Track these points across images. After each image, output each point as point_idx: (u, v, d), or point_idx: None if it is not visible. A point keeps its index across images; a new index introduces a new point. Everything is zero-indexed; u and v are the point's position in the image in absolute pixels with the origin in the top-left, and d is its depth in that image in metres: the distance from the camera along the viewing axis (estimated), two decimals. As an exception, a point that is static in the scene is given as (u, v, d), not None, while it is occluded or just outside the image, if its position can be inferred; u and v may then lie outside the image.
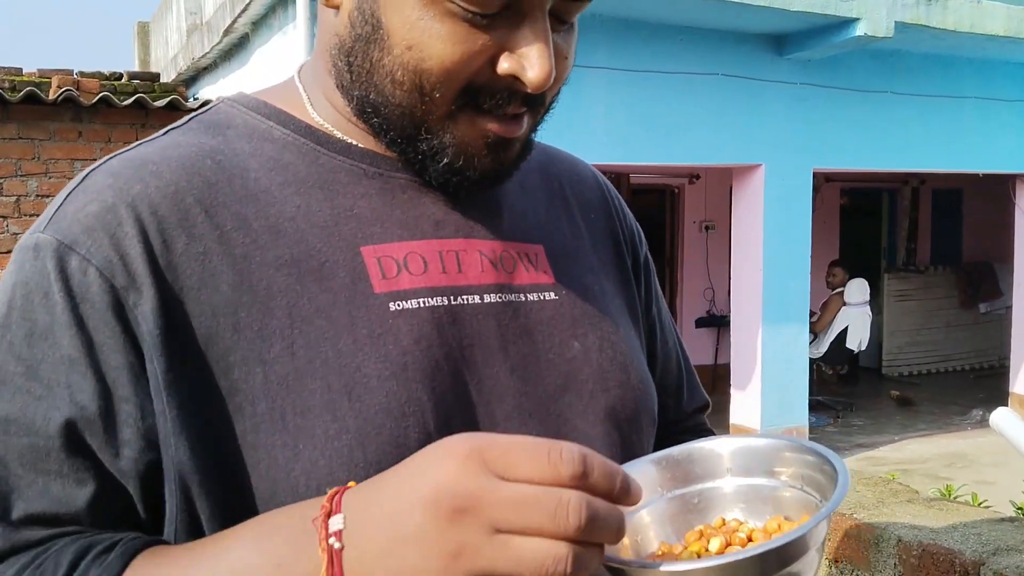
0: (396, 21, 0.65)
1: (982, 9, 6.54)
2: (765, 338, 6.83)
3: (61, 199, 0.67)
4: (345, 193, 0.71)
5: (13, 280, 0.65)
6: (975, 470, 6.78)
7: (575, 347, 0.76)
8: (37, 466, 0.62)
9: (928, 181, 10.91)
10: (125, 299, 0.63)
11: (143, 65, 11.00)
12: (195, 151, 0.70)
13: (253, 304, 0.65)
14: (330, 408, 0.64)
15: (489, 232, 0.76)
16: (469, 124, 0.68)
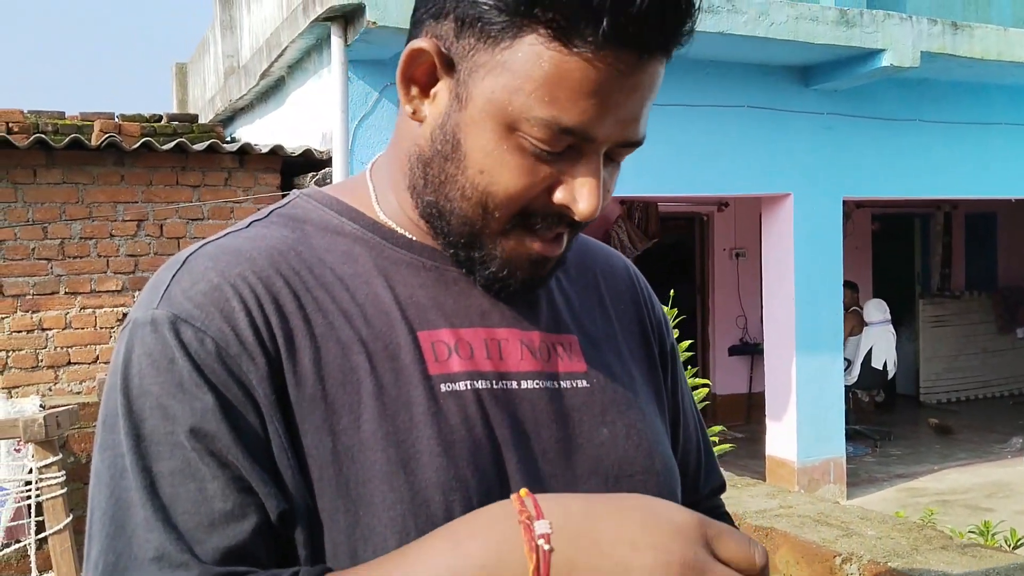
0: (474, 146, 0.74)
1: (1009, 37, 6.53)
2: (799, 368, 6.80)
3: (167, 281, 0.75)
4: (405, 283, 0.81)
5: (137, 352, 0.72)
6: (1015, 500, 6.69)
7: (604, 433, 0.83)
8: (199, 509, 0.68)
9: (961, 206, 10.84)
10: (238, 364, 0.71)
11: (181, 105, 11.25)
12: (280, 243, 0.79)
13: (328, 379, 0.74)
14: (387, 479, 0.71)
15: (529, 323, 0.84)
16: (518, 241, 0.78)
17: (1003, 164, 7.50)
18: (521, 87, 0.71)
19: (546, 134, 0.72)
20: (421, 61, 0.76)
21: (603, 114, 0.72)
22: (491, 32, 0.72)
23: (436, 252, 0.82)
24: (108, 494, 0.69)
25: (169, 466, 0.69)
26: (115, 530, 0.68)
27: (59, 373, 5.00)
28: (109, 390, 0.73)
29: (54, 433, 2.70)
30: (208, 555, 0.67)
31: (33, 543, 2.76)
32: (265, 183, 5.42)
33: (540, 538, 0.61)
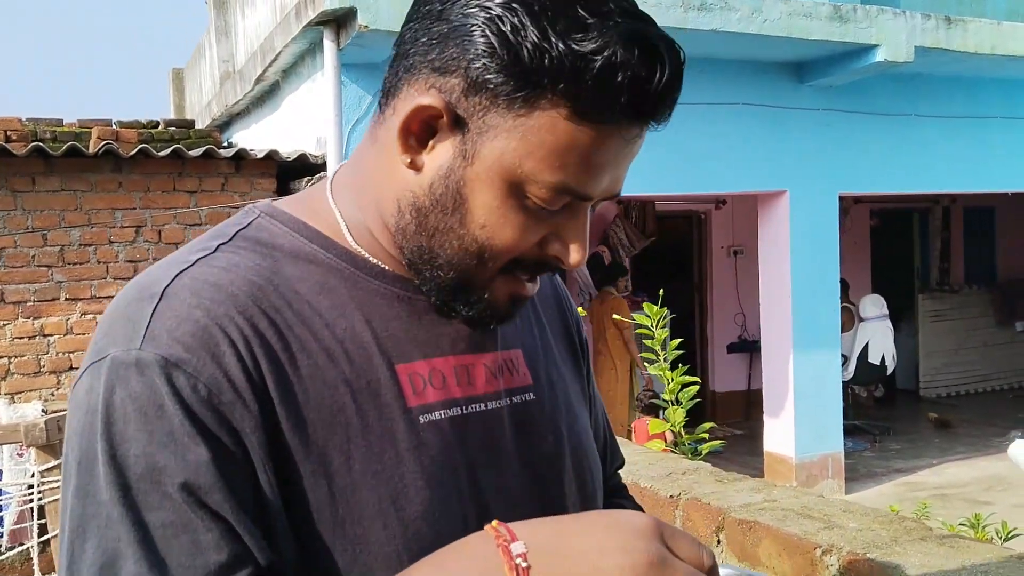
0: (478, 202, 0.77)
1: (1002, 30, 6.55)
2: (796, 364, 6.82)
3: (146, 316, 0.73)
4: (381, 315, 0.82)
5: (119, 395, 0.70)
6: (1014, 493, 6.70)
7: (550, 440, 0.91)
8: (194, 562, 0.68)
9: (959, 200, 10.85)
10: (231, 412, 0.71)
11: (178, 111, 11.29)
12: (255, 275, 0.78)
13: (318, 421, 0.75)
14: (380, 516, 0.75)
15: (488, 345, 0.89)
16: (504, 285, 0.82)
17: (1000, 157, 7.52)
18: (533, 152, 0.74)
19: (550, 196, 0.76)
20: (424, 119, 0.77)
21: (605, 177, 0.77)
22: (506, 97, 0.73)
23: (407, 282, 0.84)
24: (96, 544, 0.68)
25: (160, 517, 0.68)
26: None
27: (61, 378, 5.04)
28: (83, 431, 0.71)
29: (55, 437, 2.73)
30: None
31: (36, 546, 2.79)
32: (261, 188, 5.46)
33: (518, 557, 0.65)
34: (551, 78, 0.71)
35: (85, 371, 0.74)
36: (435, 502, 0.77)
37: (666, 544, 0.67)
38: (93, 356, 0.74)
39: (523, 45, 0.71)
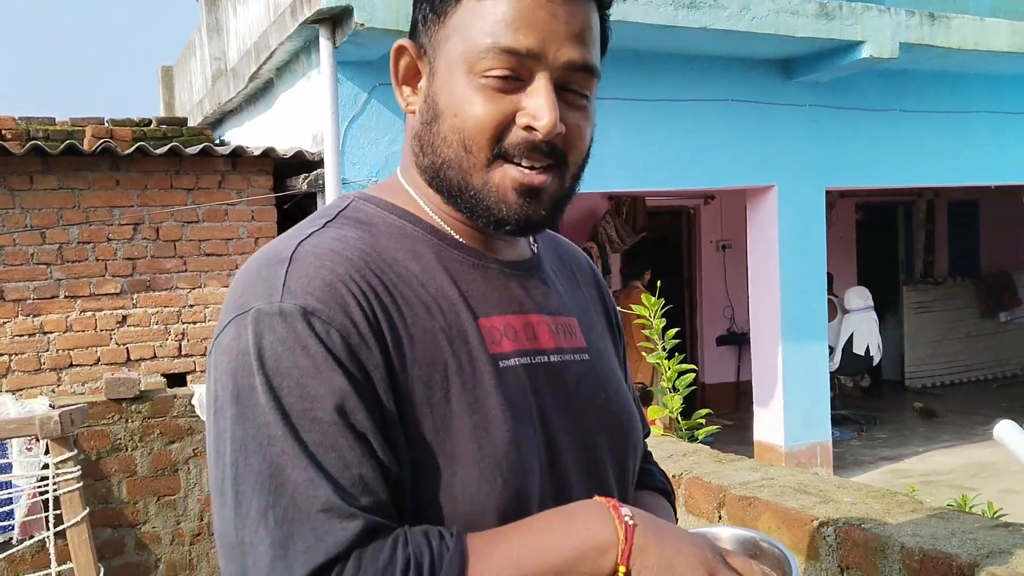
0: (446, 100, 0.94)
1: (985, 26, 6.67)
2: (785, 355, 6.94)
3: (280, 276, 0.88)
4: (461, 278, 0.98)
5: (268, 338, 0.84)
6: (1000, 479, 6.84)
7: (603, 397, 1.06)
8: (347, 471, 0.82)
9: (943, 193, 11.00)
10: (359, 353, 0.86)
11: (168, 109, 11.30)
12: (362, 244, 0.94)
13: (423, 362, 0.90)
14: (475, 439, 0.89)
15: (548, 308, 1.04)
16: (501, 174, 0.94)
17: (984, 151, 7.65)
18: (466, 37, 0.92)
19: (493, 62, 0.91)
20: (403, 59, 0.99)
21: (533, 35, 0.90)
22: (439, 10, 0.94)
23: (479, 252, 1.01)
24: (261, 457, 0.81)
25: (312, 437, 0.81)
26: (276, 488, 0.80)
27: (61, 375, 5.08)
28: (236, 370, 0.85)
29: (69, 430, 2.80)
30: (361, 510, 0.81)
31: (52, 536, 2.85)
32: (258, 185, 5.51)
33: (626, 516, 0.85)
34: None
35: (228, 323, 0.88)
36: (517, 431, 0.92)
37: (722, 556, 0.89)
38: (235, 311, 0.88)
39: None
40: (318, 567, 0.78)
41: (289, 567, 0.78)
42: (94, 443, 3.53)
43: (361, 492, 0.81)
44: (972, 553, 1.49)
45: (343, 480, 0.81)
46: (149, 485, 3.76)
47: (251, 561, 0.80)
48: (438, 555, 0.80)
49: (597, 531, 0.84)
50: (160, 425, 3.76)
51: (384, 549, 0.79)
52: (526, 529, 0.86)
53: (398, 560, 0.79)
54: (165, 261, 5.34)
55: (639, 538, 0.84)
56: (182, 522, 3.83)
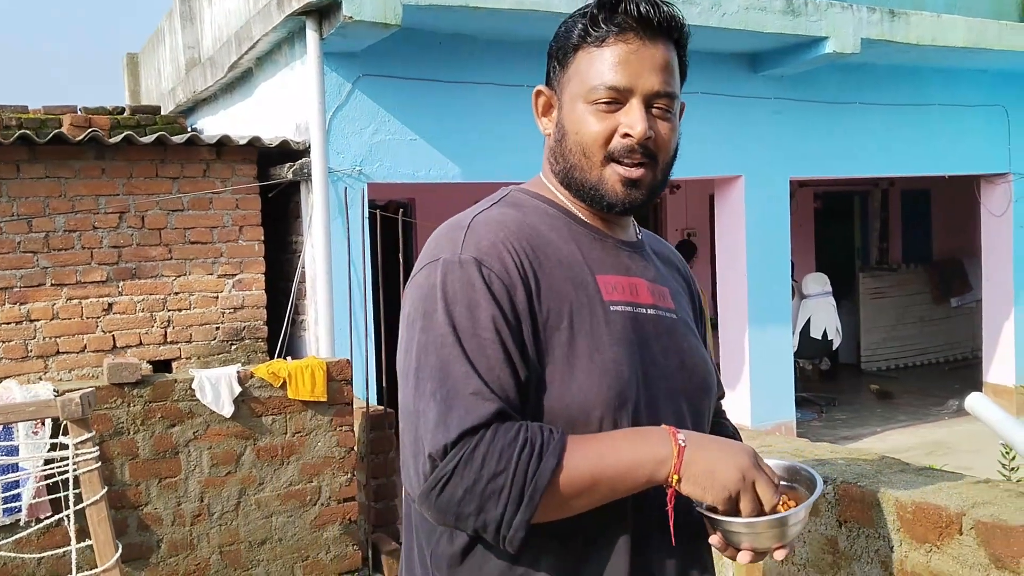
0: (569, 123, 1.34)
1: (942, 23, 6.96)
2: (752, 340, 7.19)
3: (461, 237, 1.26)
4: (585, 246, 1.34)
5: (451, 277, 1.22)
6: (954, 456, 7.16)
7: (684, 346, 1.39)
8: (491, 372, 1.17)
9: (897, 183, 11.36)
10: (512, 292, 1.22)
11: (134, 97, 11.23)
12: (517, 220, 1.31)
13: (558, 299, 1.25)
14: (589, 355, 1.24)
15: (647, 276, 1.39)
16: (611, 172, 1.31)
17: (939, 142, 7.97)
18: (583, 78, 1.31)
19: (600, 94, 1.28)
20: (541, 98, 1.41)
21: (628, 76, 1.27)
22: (562, 63, 1.36)
23: (599, 230, 1.37)
24: (435, 355, 1.18)
25: (471, 345, 1.18)
26: (443, 376, 1.16)
27: (48, 363, 5.14)
28: (426, 297, 1.22)
29: (89, 411, 2.90)
30: (497, 398, 1.16)
31: (72, 515, 2.96)
32: (242, 174, 5.59)
33: (681, 440, 1.18)
34: (572, 43, 1.33)
35: (423, 267, 1.26)
36: (619, 352, 1.25)
37: (761, 466, 1.21)
38: (428, 259, 1.27)
39: (555, 42, 1.37)
40: (467, 429, 1.13)
41: (447, 428, 1.13)
42: (97, 426, 3.62)
43: (499, 387, 1.16)
44: (959, 504, 1.68)
45: (488, 377, 1.16)
46: (151, 467, 3.86)
47: (423, 422, 1.16)
48: (547, 440, 1.15)
49: (659, 448, 1.17)
50: (161, 409, 3.86)
51: (512, 428, 1.14)
52: (610, 438, 1.20)
53: (520, 437, 1.14)
54: (150, 249, 5.40)
55: (688, 454, 1.16)
56: (183, 503, 3.94)
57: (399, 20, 4.93)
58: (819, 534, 1.95)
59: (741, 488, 1.16)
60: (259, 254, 5.68)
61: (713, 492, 1.16)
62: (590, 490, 1.16)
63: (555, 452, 1.14)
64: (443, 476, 1.12)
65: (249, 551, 4.10)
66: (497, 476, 1.11)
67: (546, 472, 1.13)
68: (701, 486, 1.16)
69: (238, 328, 5.62)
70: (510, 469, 1.12)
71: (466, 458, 1.12)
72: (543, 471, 1.13)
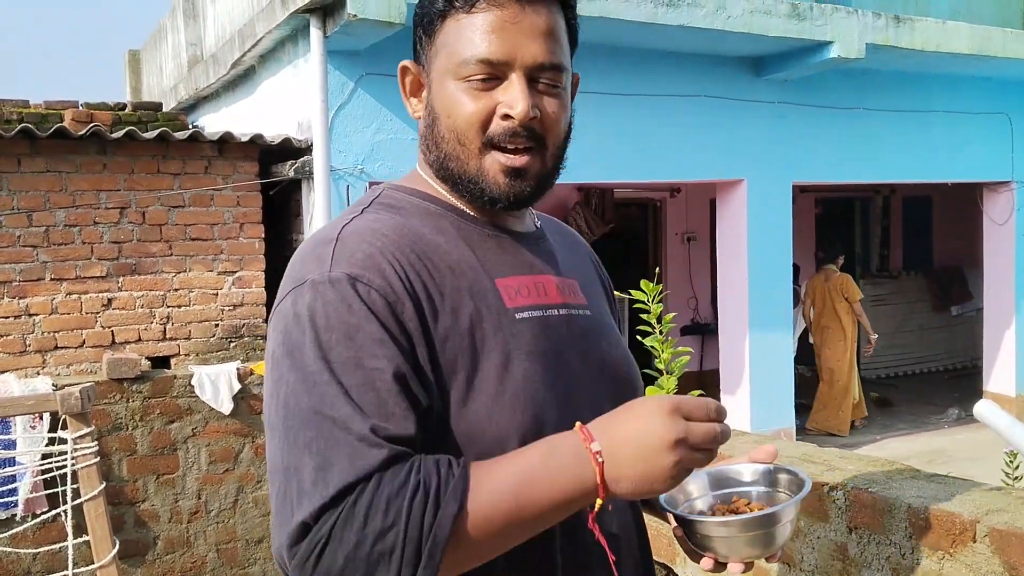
0: (440, 104, 1.14)
1: (947, 29, 6.95)
2: (752, 345, 7.17)
3: (329, 253, 1.05)
4: (478, 247, 1.16)
5: (321, 301, 1.01)
6: (953, 465, 7.14)
7: (604, 346, 1.23)
8: (381, 409, 0.97)
9: (898, 190, 11.35)
10: (396, 309, 1.03)
11: (135, 93, 11.20)
12: (395, 224, 1.12)
13: (454, 313, 1.07)
14: (498, 376, 1.07)
15: (553, 271, 1.22)
16: (491, 160, 1.12)
17: (942, 149, 7.96)
18: (452, 49, 1.11)
19: (473, 69, 1.09)
20: (408, 76, 1.21)
21: (504, 46, 1.09)
22: (428, 32, 1.15)
23: (490, 223, 1.19)
24: (308, 397, 0.97)
25: (353, 380, 0.97)
26: (319, 422, 0.96)
27: (46, 357, 5.10)
28: (291, 329, 1.02)
29: (88, 406, 2.88)
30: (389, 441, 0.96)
31: (70, 510, 2.93)
32: (244, 171, 5.56)
33: (597, 454, 0.97)
34: (437, 8, 1.13)
35: (287, 294, 1.06)
36: (532, 369, 1.09)
37: (684, 416, 0.97)
38: (292, 284, 1.06)
39: (420, 8, 1.16)
40: (347, 485, 0.93)
41: (326, 484, 0.93)
42: (96, 422, 3.59)
43: (395, 425, 0.96)
44: (973, 511, 1.66)
45: (378, 415, 0.96)
46: (148, 464, 3.84)
47: (296, 481, 0.95)
48: (444, 480, 0.95)
49: (578, 470, 0.97)
50: (160, 405, 3.84)
51: (401, 473, 0.94)
52: (520, 464, 0.98)
53: (410, 481, 0.93)
54: (151, 245, 5.37)
55: (609, 469, 0.96)
56: (180, 500, 3.91)
57: (403, 19, 4.91)
58: (828, 540, 1.92)
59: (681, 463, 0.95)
60: (259, 252, 5.65)
61: (655, 486, 0.97)
62: (503, 533, 0.97)
63: (455, 494, 0.94)
64: (318, 542, 0.92)
65: (246, 549, 4.07)
66: (385, 534, 0.91)
67: (446, 522, 0.93)
68: (639, 488, 0.97)
69: (237, 325, 5.58)
70: (400, 523, 0.91)
71: (345, 517, 0.92)
72: (442, 521, 0.93)
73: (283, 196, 5.82)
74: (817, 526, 1.94)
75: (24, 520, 3.53)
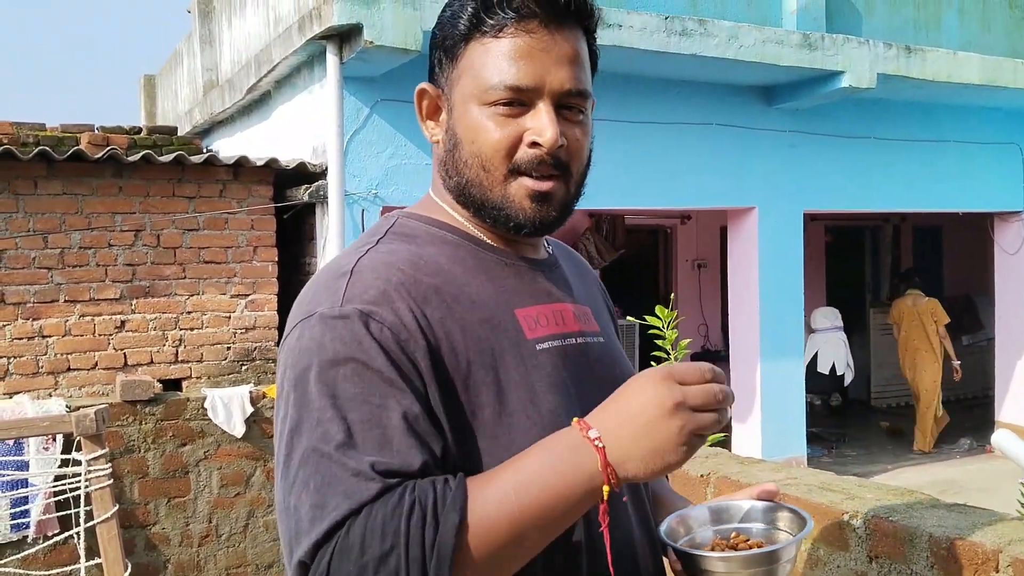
0: (463, 130, 1.11)
1: (958, 60, 6.98)
2: (763, 373, 7.15)
3: (342, 287, 1.03)
4: (497, 276, 1.14)
5: (330, 335, 0.99)
6: (965, 496, 7.08)
7: (618, 374, 1.20)
8: (384, 447, 0.94)
9: (909, 219, 11.34)
10: (408, 347, 1.00)
11: (149, 118, 11.31)
12: (411, 255, 1.10)
13: (474, 348, 1.05)
14: (524, 411, 1.05)
15: (569, 299, 1.21)
16: (517, 186, 1.10)
17: (953, 179, 7.97)
18: (477, 73, 1.09)
19: (499, 95, 1.07)
20: (425, 99, 1.18)
21: (531, 72, 1.07)
22: (450, 54, 1.12)
23: (509, 252, 1.17)
24: (310, 435, 0.95)
25: (358, 417, 0.95)
26: (317, 460, 0.93)
27: (59, 379, 5.12)
28: (298, 363, 0.99)
29: (102, 428, 2.88)
30: (386, 474, 0.93)
31: (83, 532, 2.93)
32: (259, 195, 5.60)
33: (596, 440, 0.94)
34: (461, 31, 1.10)
35: (295, 326, 1.04)
36: (556, 402, 1.07)
37: (678, 381, 0.95)
38: (301, 315, 1.04)
39: (440, 30, 1.14)
40: (339, 520, 0.90)
41: (321, 521, 0.90)
42: (109, 444, 3.60)
43: (396, 461, 0.93)
44: (995, 541, 1.65)
45: (381, 452, 0.93)
46: (160, 486, 3.83)
47: (295, 521, 0.93)
48: (440, 494, 0.91)
49: (579, 459, 0.94)
50: (173, 428, 3.84)
51: (394, 495, 0.90)
52: (518, 466, 0.96)
53: (405, 500, 0.90)
54: (165, 268, 5.40)
55: (613, 454, 0.93)
56: (191, 524, 3.90)
57: (419, 46, 4.96)
58: (848, 570, 1.91)
59: (686, 426, 0.93)
60: (272, 275, 5.67)
61: (668, 458, 0.93)
62: (513, 540, 0.93)
63: (455, 506, 0.91)
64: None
65: (256, 574, 4.06)
66: (387, 558, 0.87)
67: (448, 536, 0.89)
68: (651, 466, 0.93)
69: (249, 349, 5.60)
70: (400, 544, 0.88)
71: (340, 549, 0.88)
72: (443, 536, 0.89)
73: (297, 220, 5.85)
74: (837, 555, 1.92)
75: (35, 542, 3.52)
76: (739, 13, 6.44)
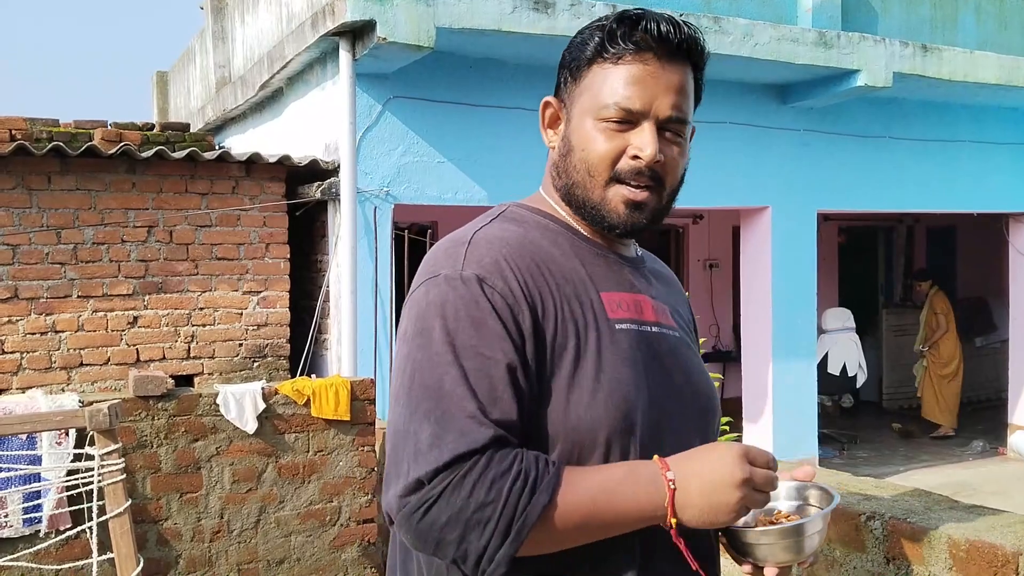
0: (576, 139, 1.30)
1: (974, 59, 6.93)
2: (775, 374, 7.11)
3: (462, 254, 1.22)
4: (588, 262, 1.31)
5: (453, 294, 1.18)
6: (978, 498, 7.02)
7: (689, 366, 1.36)
8: (491, 394, 1.13)
9: (923, 219, 11.28)
10: (514, 310, 1.18)
11: (162, 114, 11.34)
12: (518, 236, 1.28)
13: (563, 318, 1.22)
14: (595, 376, 1.20)
15: (651, 293, 1.37)
16: (615, 192, 1.27)
17: (968, 179, 7.91)
18: (596, 93, 1.27)
19: (612, 113, 1.25)
20: (548, 110, 1.37)
21: (641, 95, 1.24)
22: (575, 75, 1.31)
23: (601, 244, 1.35)
24: (432, 374, 1.14)
25: (472, 365, 1.14)
26: (439, 397, 1.12)
27: (71, 374, 5.13)
28: (423, 315, 1.19)
29: (116, 423, 2.88)
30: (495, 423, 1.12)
31: (95, 527, 2.93)
32: (271, 191, 5.60)
33: (671, 481, 1.14)
34: (586, 56, 1.29)
35: (421, 284, 1.23)
36: (625, 374, 1.22)
37: (749, 460, 1.14)
38: (427, 275, 1.23)
39: (569, 53, 1.33)
40: (460, 454, 1.09)
41: (441, 450, 1.09)
42: (122, 439, 3.60)
43: (500, 411, 1.12)
44: (1015, 543, 1.63)
45: (488, 400, 1.12)
46: (172, 482, 3.83)
47: (413, 443, 1.12)
48: (541, 474, 1.11)
49: (651, 491, 1.13)
50: (185, 423, 3.84)
51: (507, 457, 1.10)
52: (606, 475, 1.15)
53: (513, 468, 1.10)
54: (177, 264, 5.41)
55: (680, 497, 1.13)
56: (203, 519, 3.91)
57: (432, 43, 4.95)
58: (866, 571, 1.89)
59: (744, 500, 1.13)
60: (284, 272, 5.68)
61: (719, 517, 1.14)
62: (579, 529, 1.13)
63: (548, 487, 1.11)
64: (428, 499, 1.09)
65: (267, 570, 4.06)
66: (485, 506, 1.08)
67: (537, 508, 1.10)
68: (705, 518, 1.13)
69: (261, 345, 5.60)
70: (499, 500, 1.08)
71: (455, 484, 1.08)
72: (534, 506, 1.09)
73: (309, 217, 5.85)
74: (853, 556, 1.91)
75: (48, 536, 3.53)
76: (754, 11, 6.41)
